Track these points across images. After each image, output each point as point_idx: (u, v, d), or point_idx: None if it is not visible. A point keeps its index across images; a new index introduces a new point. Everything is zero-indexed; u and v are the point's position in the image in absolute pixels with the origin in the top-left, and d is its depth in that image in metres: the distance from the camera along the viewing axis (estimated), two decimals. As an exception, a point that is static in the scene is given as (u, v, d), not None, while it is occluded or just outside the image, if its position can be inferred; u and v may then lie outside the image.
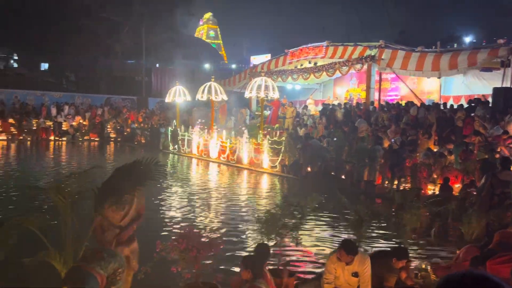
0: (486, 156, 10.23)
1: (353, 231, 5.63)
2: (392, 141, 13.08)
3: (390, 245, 6.70)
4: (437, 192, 9.87)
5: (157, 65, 40.89)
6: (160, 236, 6.80)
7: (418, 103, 16.38)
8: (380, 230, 7.06)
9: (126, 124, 27.79)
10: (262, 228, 5.28)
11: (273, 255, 5.23)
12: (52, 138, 25.89)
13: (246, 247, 6.94)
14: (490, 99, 14.07)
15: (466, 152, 11.01)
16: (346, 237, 6.29)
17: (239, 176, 15.38)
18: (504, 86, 13.82)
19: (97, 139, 26.75)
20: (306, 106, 22.20)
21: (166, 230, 7.77)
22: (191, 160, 19.20)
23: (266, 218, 5.28)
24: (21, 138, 24.93)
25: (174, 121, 22.17)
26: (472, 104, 14.13)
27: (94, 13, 33.40)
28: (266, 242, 4.98)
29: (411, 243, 6.60)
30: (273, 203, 9.80)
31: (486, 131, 12.02)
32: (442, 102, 16.31)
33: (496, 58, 14.15)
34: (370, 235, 5.89)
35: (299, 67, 22.08)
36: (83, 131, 27.16)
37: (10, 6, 33.42)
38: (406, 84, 19.04)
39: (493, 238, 5.17)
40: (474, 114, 13.16)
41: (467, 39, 35.67)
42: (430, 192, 10.39)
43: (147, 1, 35.28)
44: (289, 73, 22.39)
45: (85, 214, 4.33)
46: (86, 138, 26.75)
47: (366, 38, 20.77)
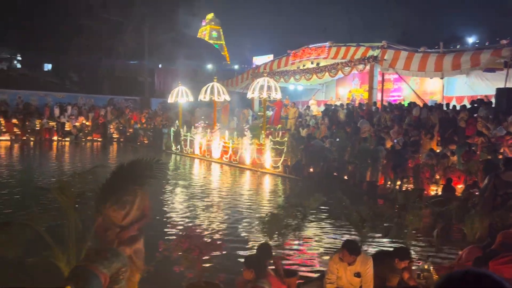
0: (489, 157, 10.21)
1: (355, 232, 5.63)
2: (394, 141, 13.07)
3: (392, 245, 6.69)
4: (439, 193, 9.86)
5: (159, 65, 40.97)
6: (162, 236, 6.81)
7: (420, 104, 16.35)
8: (382, 230, 7.05)
9: (129, 124, 27.84)
10: (265, 228, 5.30)
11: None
12: (55, 138, 25.96)
13: (249, 247, 6.94)
14: (493, 100, 14.03)
15: (469, 152, 10.99)
16: (349, 237, 6.29)
17: (242, 176, 15.39)
18: (507, 86, 13.78)
19: (100, 140, 26.81)
20: (309, 107, 22.19)
21: (168, 230, 7.78)
22: (194, 160, 19.22)
23: (269, 218, 5.29)
24: (24, 138, 25.00)
25: (177, 121, 22.21)
26: (475, 104, 14.10)
27: (97, 13, 33.52)
28: (268, 242, 4.99)
29: (414, 244, 6.59)
30: (275, 204, 9.80)
31: (489, 132, 11.99)
32: (445, 102, 16.28)
33: (499, 59, 14.11)
34: (372, 236, 5.88)
35: (302, 68, 22.07)
36: (86, 132, 27.23)
37: (13, 6, 33.55)
38: (408, 84, 19.01)
39: (496, 238, 5.15)
40: (477, 115, 13.13)
41: (470, 40, 35.58)
42: (432, 193, 10.37)
43: (150, 1, 35.38)
44: (291, 73, 22.39)
45: (88, 213, 4.35)
46: (89, 138, 26.81)
47: (369, 39, 20.76)
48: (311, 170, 14.04)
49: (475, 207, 7.61)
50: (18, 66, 42.84)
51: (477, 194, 8.41)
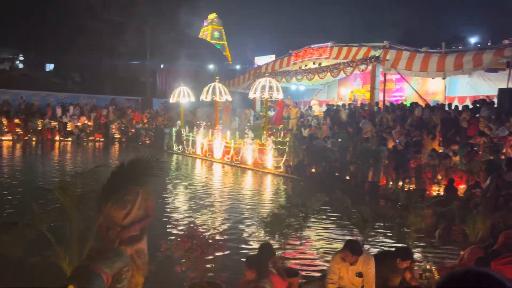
0: (491, 157, 10.18)
1: (357, 232, 5.63)
2: (396, 142, 13.06)
3: (394, 245, 6.69)
4: (441, 193, 9.84)
5: (161, 65, 41.03)
6: (164, 235, 6.81)
7: (423, 104, 16.33)
8: (384, 230, 7.05)
9: (131, 124, 27.89)
10: (267, 228, 5.29)
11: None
12: (57, 138, 26.02)
13: (250, 247, 6.95)
14: (495, 100, 14.01)
15: (471, 153, 10.96)
16: (351, 237, 6.28)
17: (243, 176, 15.39)
18: (509, 86, 13.75)
19: (102, 140, 26.87)
20: (311, 107, 22.19)
21: (170, 230, 7.78)
22: (195, 160, 19.24)
23: (271, 218, 5.29)
24: (26, 138, 25.07)
25: (179, 121, 22.23)
26: (477, 105, 14.07)
27: (98, 14, 33.60)
28: (270, 242, 4.99)
29: (416, 244, 6.58)
30: (277, 204, 9.80)
31: (491, 132, 11.97)
32: (447, 103, 16.25)
33: (501, 59, 14.08)
34: (374, 236, 5.88)
35: (304, 68, 22.07)
36: (88, 132, 27.28)
37: (15, 7, 33.64)
38: (410, 85, 18.99)
39: (498, 239, 5.14)
40: (479, 115, 13.10)
41: (472, 40, 35.46)
42: (434, 193, 10.35)
43: (152, 1, 35.44)
44: (293, 73, 22.39)
45: (90, 213, 4.36)
46: (91, 138, 26.86)
47: (371, 39, 20.69)
48: (313, 170, 14.03)
49: (477, 208, 7.59)
50: (20, 66, 43.00)
51: (479, 194, 8.39)
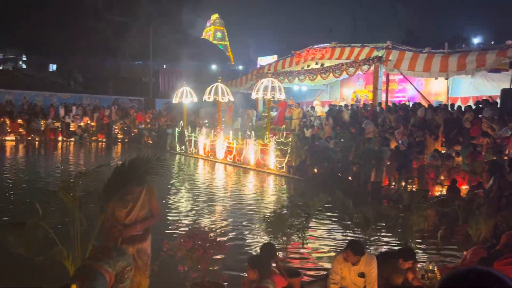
0: (494, 157, 10.16)
1: (359, 232, 5.63)
2: (399, 142, 13.04)
3: (397, 246, 6.68)
4: (444, 193, 9.82)
5: (164, 66, 41.10)
6: (167, 235, 6.83)
7: (425, 104, 16.30)
8: (387, 231, 7.04)
9: (134, 125, 27.93)
10: (269, 228, 5.30)
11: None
12: (60, 138, 26.08)
13: (253, 247, 6.95)
14: (498, 100, 13.97)
15: (474, 153, 10.94)
16: (353, 237, 6.28)
17: (246, 177, 15.40)
18: (512, 87, 13.74)
19: (104, 140, 26.92)
20: (313, 107, 22.18)
21: (173, 230, 7.79)
22: (198, 160, 19.26)
23: (273, 218, 5.29)
24: (29, 138, 25.14)
25: (181, 122, 22.25)
26: (480, 105, 14.04)
27: (101, 14, 33.70)
28: (272, 242, 5.00)
29: (418, 244, 6.58)
30: (279, 204, 9.80)
31: (494, 133, 11.94)
32: (449, 103, 16.22)
33: (505, 59, 14.04)
34: (376, 236, 5.88)
35: (306, 68, 22.06)
36: (91, 132, 27.35)
37: (19, 8, 33.76)
38: (413, 85, 18.96)
39: (500, 239, 5.14)
40: (482, 116, 13.07)
41: (475, 40, 35.38)
42: (437, 193, 10.33)
43: (155, 2, 35.53)
44: (295, 74, 22.38)
45: (92, 213, 4.37)
46: (93, 138, 26.92)
47: (373, 39, 20.71)
48: (316, 170, 14.02)
49: (480, 208, 7.58)
50: (24, 66, 43.13)
51: (482, 195, 8.38)
